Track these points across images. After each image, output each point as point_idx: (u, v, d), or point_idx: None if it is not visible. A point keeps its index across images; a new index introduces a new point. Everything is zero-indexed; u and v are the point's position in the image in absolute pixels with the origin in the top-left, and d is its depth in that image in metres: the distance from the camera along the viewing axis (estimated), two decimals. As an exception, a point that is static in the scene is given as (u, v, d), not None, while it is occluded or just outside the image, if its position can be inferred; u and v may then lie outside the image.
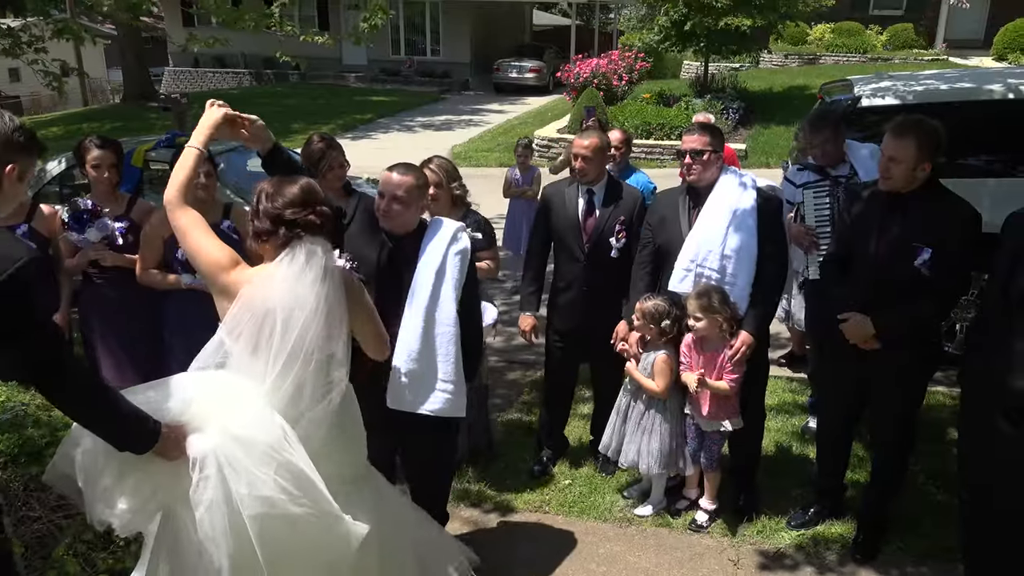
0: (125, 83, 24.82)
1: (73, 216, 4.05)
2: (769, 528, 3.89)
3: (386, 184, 3.17)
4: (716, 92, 17.22)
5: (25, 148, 2.16)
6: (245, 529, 2.35)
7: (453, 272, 3.19)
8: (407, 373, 3.16)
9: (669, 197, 3.97)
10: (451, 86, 26.70)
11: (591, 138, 4.12)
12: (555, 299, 4.33)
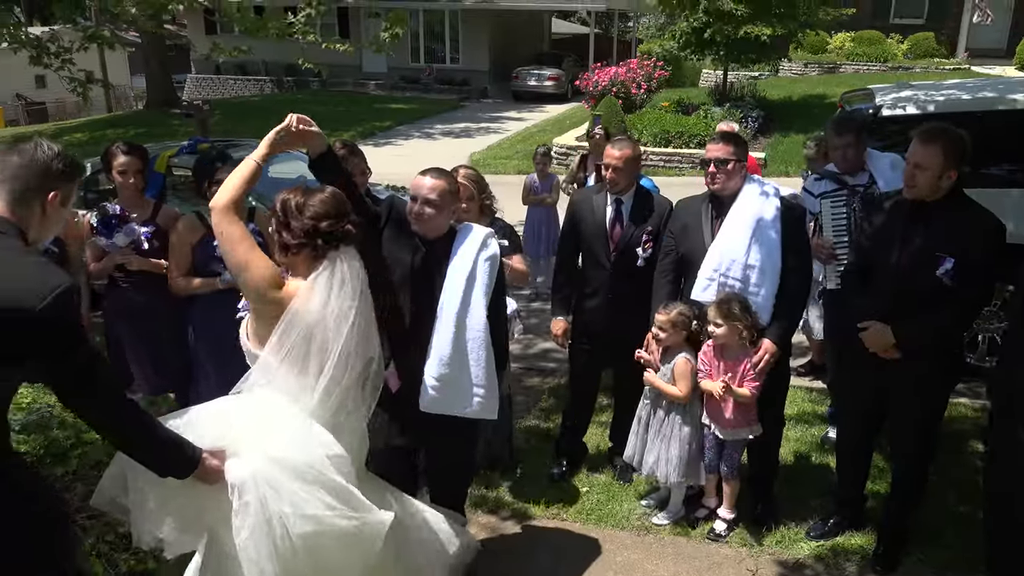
0: (148, 90, 25.13)
1: (102, 221, 4.11)
2: (788, 538, 3.87)
3: (418, 188, 3.20)
4: (735, 101, 17.19)
5: (65, 174, 2.23)
6: (289, 552, 2.40)
7: (483, 278, 3.22)
8: (439, 377, 3.18)
9: (692, 205, 3.98)
10: (470, 94, 26.79)
11: (623, 148, 4.11)
12: (581, 305, 4.34)
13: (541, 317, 7.19)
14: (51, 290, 2.01)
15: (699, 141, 14.54)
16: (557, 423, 5.10)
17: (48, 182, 2.18)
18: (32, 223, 2.17)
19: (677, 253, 3.93)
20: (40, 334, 2.03)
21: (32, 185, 2.15)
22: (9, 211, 2.13)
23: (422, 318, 3.20)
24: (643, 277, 4.11)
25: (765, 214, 3.69)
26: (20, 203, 2.14)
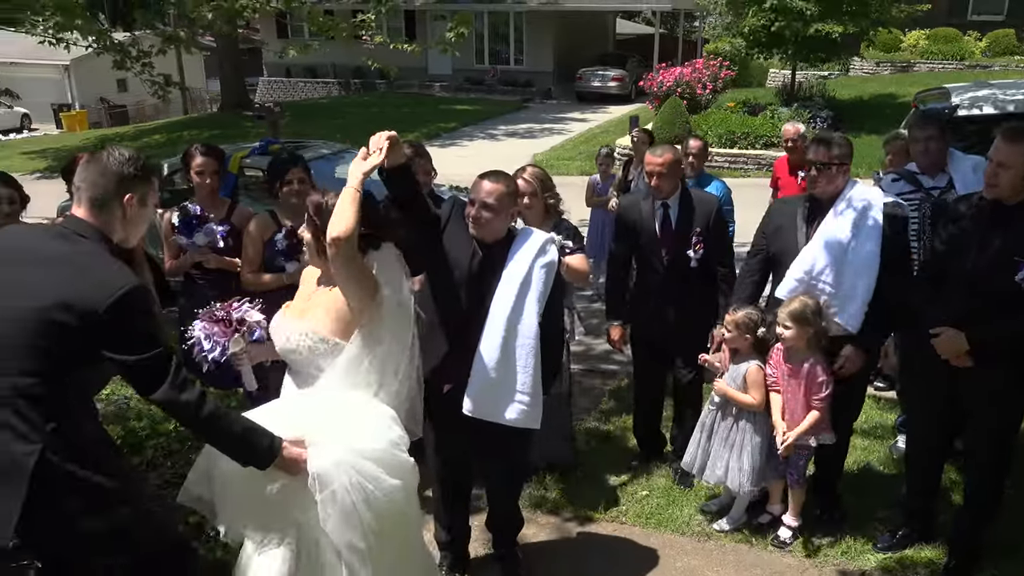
0: (222, 92, 25.85)
1: (183, 221, 4.24)
2: (854, 549, 3.78)
3: (477, 191, 3.21)
4: (803, 100, 16.84)
5: (138, 177, 2.36)
6: (374, 535, 2.55)
7: (538, 284, 3.20)
8: (485, 382, 3.18)
9: (788, 206, 3.93)
10: (534, 95, 26.84)
11: (665, 154, 4.12)
12: (637, 309, 4.35)
13: (603, 318, 7.16)
14: (116, 290, 2.14)
15: (765, 142, 14.30)
16: (618, 425, 5.10)
17: (123, 186, 2.31)
18: (115, 226, 2.31)
19: (768, 253, 3.88)
20: (107, 332, 2.16)
21: (109, 191, 2.29)
22: (92, 216, 2.28)
23: (472, 321, 3.21)
24: (697, 278, 4.11)
25: (865, 219, 3.60)
26: (101, 208, 2.29)
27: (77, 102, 30.67)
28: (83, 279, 2.17)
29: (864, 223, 3.61)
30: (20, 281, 2.20)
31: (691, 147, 5.81)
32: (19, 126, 29.37)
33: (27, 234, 2.33)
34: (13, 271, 2.22)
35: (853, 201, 3.65)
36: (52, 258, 2.21)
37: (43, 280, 2.17)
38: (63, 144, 21.80)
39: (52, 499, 2.17)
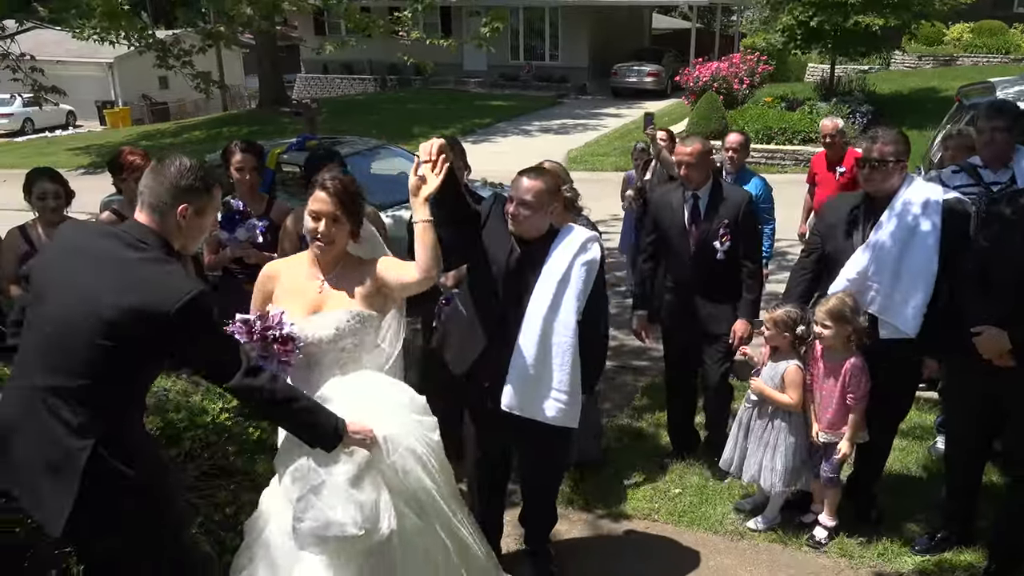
0: (261, 89, 26.17)
1: (225, 216, 4.30)
2: (891, 551, 3.73)
3: (515, 188, 3.21)
4: (843, 95, 16.57)
5: (194, 189, 2.40)
6: (441, 484, 2.84)
7: (577, 282, 3.19)
8: (522, 378, 3.20)
9: (842, 203, 3.86)
10: (568, 90, 26.77)
11: (694, 144, 4.12)
12: (665, 298, 4.37)
13: (636, 316, 7.14)
14: (184, 295, 2.22)
15: (803, 137, 14.12)
16: (650, 422, 5.08)
17: (179, 197, 2.37)
18: (172, 234, 2.38)
19: (822, 252, 3.82)
20: (177, 335, 2.26)
21: (165, 200, 2.36)
22: (153, 223, 2.36)
23: (511, 317, 3.22)
24: (724, 271, 4.11)
25: (924, 218, 3.49)
26: (159, 216, 2.36)
27: (120, 99, 31.24)
28: (150, 285, 2.24)
29: (923, 223, 3.49)
30: (86, 283, 2.25)
31: (730, 142, 5.74)
32: (65, 123, 30.01)
33: (93, 236, 2.39)
34: (80, 273, 2.28)
35: (912, 199, 3.54)
36: (118, 262, 2.27)
37: (110, 283, 2.23)
38: (107, 140, 22.25)
39: (99, 495, 2.22)
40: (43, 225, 4.22)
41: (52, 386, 2.22)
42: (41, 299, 2.34)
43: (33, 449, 2.23)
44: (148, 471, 2.34)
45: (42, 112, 23.92)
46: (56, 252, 2.44)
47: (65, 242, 2.45)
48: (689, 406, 4.62)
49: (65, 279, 2.29)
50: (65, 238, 2.49)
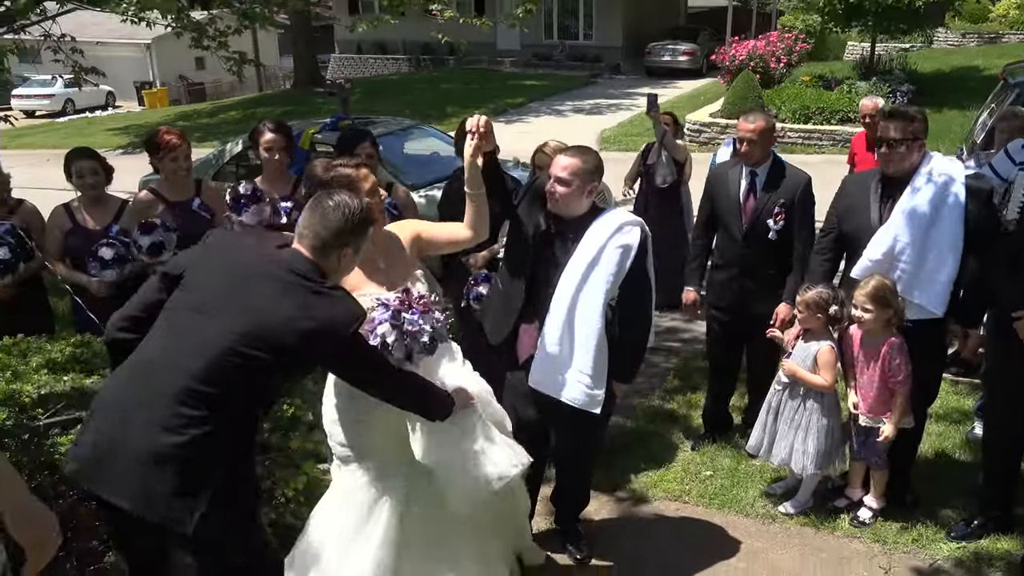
0: (295, 70, 26.30)
1: (233, 198, 4.32)
2: (926, 537, 3.69)
3: (553, 166, 3.20)
4: (883, 74, 16.22)
5: (355, 231, 2.50)
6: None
7: (608, 265, 3.15)
8: (548, 357, 3.20)
9: (860, 182, 3.82)
10: (602, 70, 26.50)
11: (756, 120, 4.07)
12: (713, 276, 4.35)
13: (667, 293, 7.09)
14: (355, 319, 2.39)
15: (841, 117, 13.86)
16: (682, 403, 5.06)
17: (341, 239, 2.46)
18: (328, 269, 2.47)
19: (839, 232, 3.79)
20: (345, 351, 2.42)
21: (328, 242, 2.45)
22: (315, 257, 2.44)
23: (541, 296, 3.22)
24: (775, 251, 4.06)
25: (947, 195, 3.46)
26: (320, 253, 2.45)
27: (158, 80, 31.62)
28: (326, 313, 2.34)
29: (945, 199, 3.46)
30: (262, 305, 2.32)
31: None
32: (104, 104, 30.46)
33: (265, 261, 2.44)
34: (254, 294, 2.35)
35: (932, 176, 3.51)
36: (294, 290, 2.35)
37: (288, 311, 2.31)
38: (145, 121, 22.53)
39: (195, 489, 2.26)
40: (85, 203, 4.30)
41: (184, 385, 2.26)
42: (202, 307, 2.37)
43: (144, 438, 2.24)
44: (243, 476, 2.41)
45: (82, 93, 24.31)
46: (221, 263, 2.47)
47: (232, 258, 2.48)
48: (727, 387, 4.58)
49: (236, 294, 2.35)
50: (230, 254, 2.51)
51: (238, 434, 2.38)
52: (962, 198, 3.45)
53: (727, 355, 4.50)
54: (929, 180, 3.51)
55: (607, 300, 3.18)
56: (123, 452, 2.24)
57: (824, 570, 3.53)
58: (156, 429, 2.22)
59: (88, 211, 4.28)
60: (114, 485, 2.24)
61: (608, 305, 3.20)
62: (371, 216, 2.55)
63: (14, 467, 2.58)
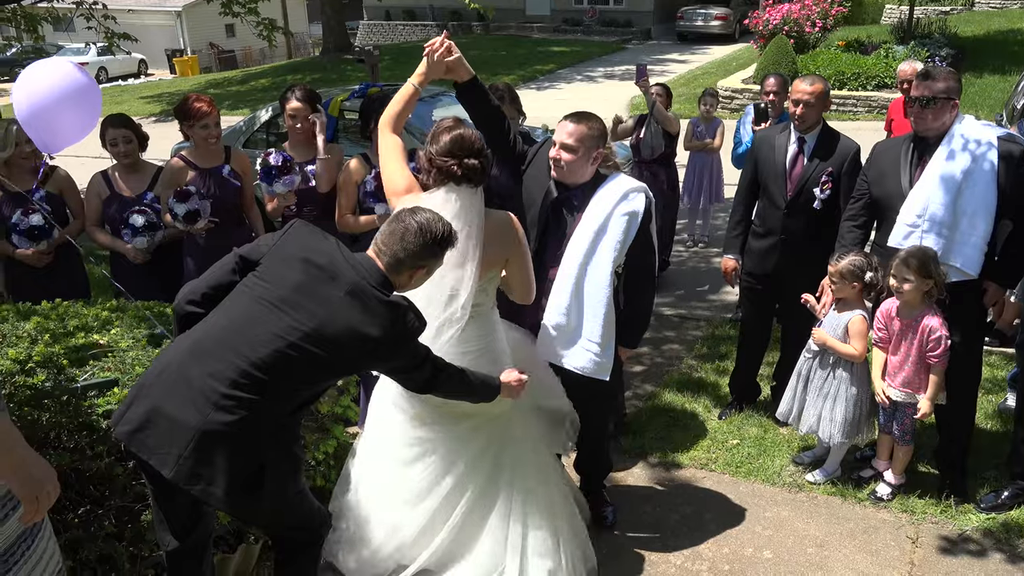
0: (324, 36, 26.26)
1: (264, 169, 4.34)
2: (954, 508, 3.66)
3: (558, 132, 3.16)
4: (921, 38, 15.81)
5: (434, 254, 2.55)
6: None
7: (616, 233, 3.13)
8: (555, 326, 3.18)
9: (891, 147, 3.74)
10: (633, 35, 26.16)
11: (814, 83, 3.99)
12: (752, 243, 4.26)
13: (698, 263, 7.05)
14: (417, 331, 2.49)
15: (877, 83, 13.56)
16: (710, 372, 5.05)
17: (416, 260, 2.51)
18: (399, 284, 2.53)
19: (870, 198, 3.72)
20: (402, 359, 2.53)
21: (404, 262, 2.50)
22: (387, 271, 2.49)
23: (547, 263, 3.20)
24: (819, 221, 3.98)
25: (979, 156, 3.38)
26: (393, 269, 2.49)
27: (189, 47, 31.74)
28: (388, 323, 2.41)
29: (977, 160, 3.39)
30: (336, 308, 2.38)
31: (768, 84, 5.66)
32: (137, 72, 30.68)
33: (345, 266, 2.47)
34: (332, 298, 2.39)
35: (964, 137, 3.44)
36: (352, 293, 2.40)
37: (359, 316, 2.39)
38: (177, 88, 22.66)
39: (235, 468, 2.33)
40: (120, 170, 4.36)
41: (243, 369, 2.32)
42: (275, 298, 2.40)
43: (196, 413, 2.30)
44: (286, 454, 2.46)
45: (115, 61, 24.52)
46: (299, 257, 2.49)
47: (311, 254, 2.48)
48: (757, 356, 4.55)
49: (309, 292, 2.40)
50: (310, 250, 2.51)
51: (284, 421, 2.44)
52: (995, 160, 3.38)
53: (760, 324, 4.46)
54: (964, 140, 3.44)
55: (614, 268, 3.16)
56: (174, 423, 2.29)
57: (851, 539, 3.52)
58: (209, 406, 2.28)
59: (124, 178, 4.36)
60: (160, 454, 2.30)
61: (614, 272, 3.19)
62: (452, 238, 2.56)
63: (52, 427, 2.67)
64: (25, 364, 2.74)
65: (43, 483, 1.97)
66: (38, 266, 4.29)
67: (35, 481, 1.95)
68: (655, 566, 3.39)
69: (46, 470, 2.00)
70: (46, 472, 2.00)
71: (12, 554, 2.08)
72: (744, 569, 3.36)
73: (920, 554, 3.42)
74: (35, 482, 1.95)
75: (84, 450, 2.70)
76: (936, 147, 3.48)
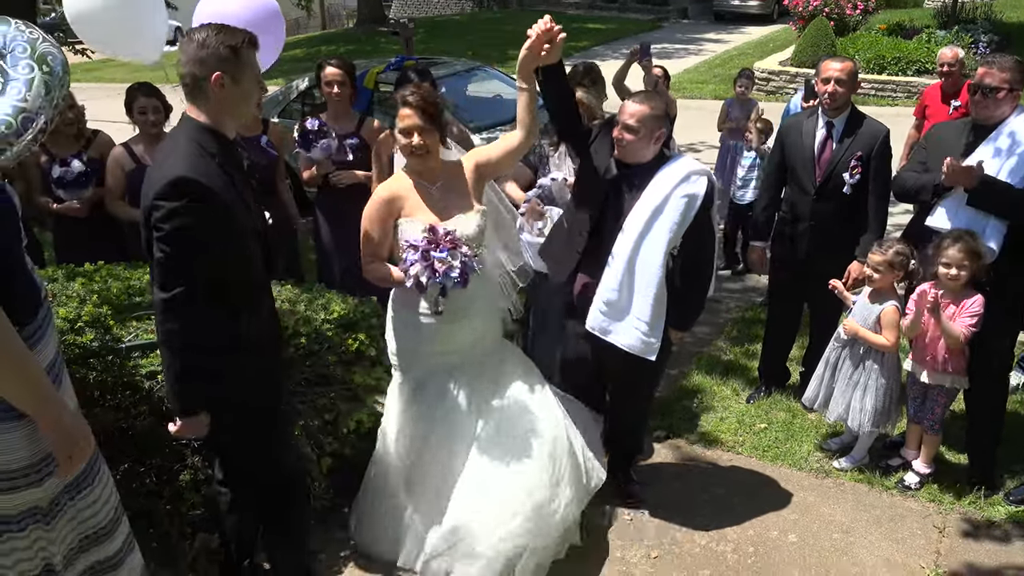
0: (359, 8, 26.12)
1: (301, 134, 4.38)
2: (983, 499, 3.64)
3: (620, 113, 3.18)
4: (965, 23, 15.44)
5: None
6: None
7: (673, 214, 3.14)
8: (606, 302, 3.22)
9: (950, 129, 3.72)
10: (669, 14, 25.79)
11: (844, 61, 3.95)
12: (781, 229, 4.24)
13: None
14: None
15: (918, 68, 13.29)
16: (739, 355, 5.04)
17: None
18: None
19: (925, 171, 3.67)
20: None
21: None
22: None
23: (604, 240, 3.23)
24: (849, 206, 3.95)
25: (1020, 153, 3.34)
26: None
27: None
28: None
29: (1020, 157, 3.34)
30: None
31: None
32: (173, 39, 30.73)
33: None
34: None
35: (1016, 130, 3.39)
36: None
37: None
38: (209, 57, 22.67)
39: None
40: (144, 140, 4.35)
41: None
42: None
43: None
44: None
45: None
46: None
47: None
48: (786, 341, 4.54)
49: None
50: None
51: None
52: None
53: (789, 309, 4.44)
54: (1013, 134, 3.40)
55: (669, 249, 3.17)
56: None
57: (877, 527, 3.53)
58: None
59: (148, 150, 4.30)
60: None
61: (670, 254, 3.20)
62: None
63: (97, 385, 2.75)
64: (75, 323, 2.81)
65: (77, 440, 2.05)
66: (81, 216, 4.35)
67: (71, 439, 2.03)
68: (680, 545, 3.42)
69: (82, 427, 2.09)
70: (81, 429, 2.09)
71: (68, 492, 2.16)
72: (769, 552, 3.38)
73: (947, 543, 3.42)
74: (70, 440, 2.04)
75: (128, 409, 2.78)
76: (987, 135, 3.45)
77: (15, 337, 1.90)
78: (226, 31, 2.34)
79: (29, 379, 1.95)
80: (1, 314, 1.86)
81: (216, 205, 2.27)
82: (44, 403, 1.98)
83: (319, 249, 4.82)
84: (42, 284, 2.16)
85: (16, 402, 1.95)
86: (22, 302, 2.02)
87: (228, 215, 2.31)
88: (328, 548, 3.35)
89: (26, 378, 1.94)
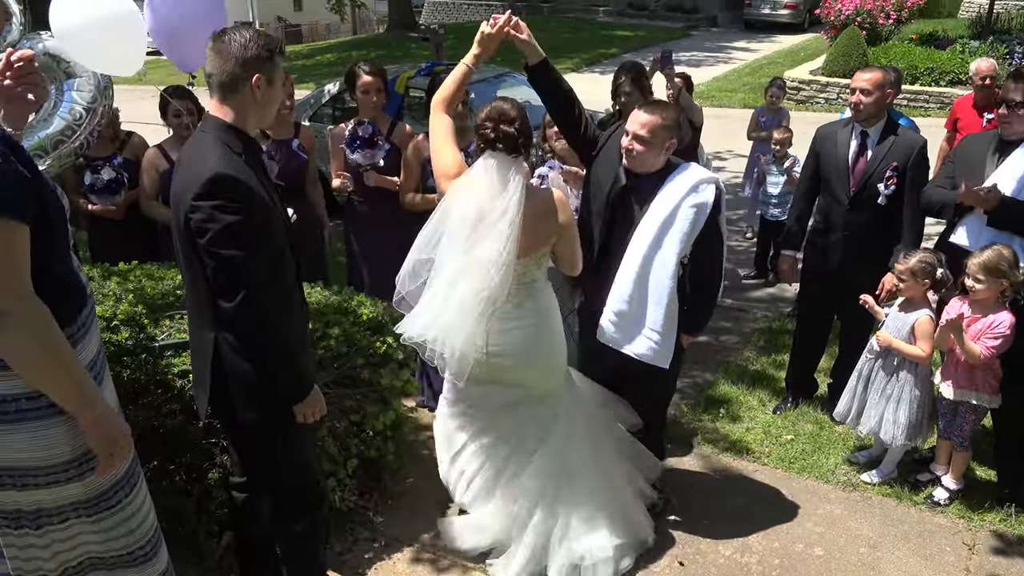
0: (390, 13, 26.35)
1: (351, 136, 4.41)
2: (1014, 517, 3.59)
3: (631, 122, 3.17)
4: (1000, 33, 15.23)
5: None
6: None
7: (683, 224, 3.12)
8: (617, 312, 3.21)
9: (978, 142, 3.71)
10: (699, 22, 25.73)
11: (874, 72, 3.92)
12: (813, 239, 4.21)
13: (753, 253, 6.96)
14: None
15: (951, 79, 13.14)
16: (766, 365, 5.01)
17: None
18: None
19: (952, 187, 3.65)
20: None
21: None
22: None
23: (613, 250, 3.22)
24: (883, 217, 3.91)
25: None
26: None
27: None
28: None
29: None
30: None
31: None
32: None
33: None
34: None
35: None
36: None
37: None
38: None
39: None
40: (178, 142, 4.37)
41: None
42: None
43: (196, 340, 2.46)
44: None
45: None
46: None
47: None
48: (815, 352, 4.50)
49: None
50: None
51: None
52: None
53: (819, 320, 4.40)
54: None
55: (679, 258, 3.17)
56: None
57: (905, 542, 3.48)
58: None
59: (178, 150, 4.36)
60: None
61: (679, 263, 3.19)
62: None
63: (131, 384, 2.79)
64: (111, 321, 2.86)
65: (116, 439, 2.09)
66: (117, 218, 4.43)
67: (111, 437, 2.07)
68: (704, 555, 3.40)
69: (121, 426, 2.12)
70: (121, 428, 2.12)
71: (106, 499, 2.19)
72: (795, 565, 3.35)
73: (976, 560, 3.37)
74: (110, 438, 2.07)
75: (160, 407, 2.82)
76: (1012, 151, 3.43)
77: (58, 334, 1.94)
78: (263, 34, 2.38)
79: (70, 376, 1.99)
80: (45, 311, 1.90)
81: (255, 199, 2.27)
82: (84, 400, 2.02)
83: (349, 253, 4.86)
84: (87, 283, 2.21)
85: (57, 398, 1.99)
86: (68, 300, 2.06)
87: (265, 210, 2.33)
88: (354, 549, 3.37)
89: (67, 375, 1.98)
